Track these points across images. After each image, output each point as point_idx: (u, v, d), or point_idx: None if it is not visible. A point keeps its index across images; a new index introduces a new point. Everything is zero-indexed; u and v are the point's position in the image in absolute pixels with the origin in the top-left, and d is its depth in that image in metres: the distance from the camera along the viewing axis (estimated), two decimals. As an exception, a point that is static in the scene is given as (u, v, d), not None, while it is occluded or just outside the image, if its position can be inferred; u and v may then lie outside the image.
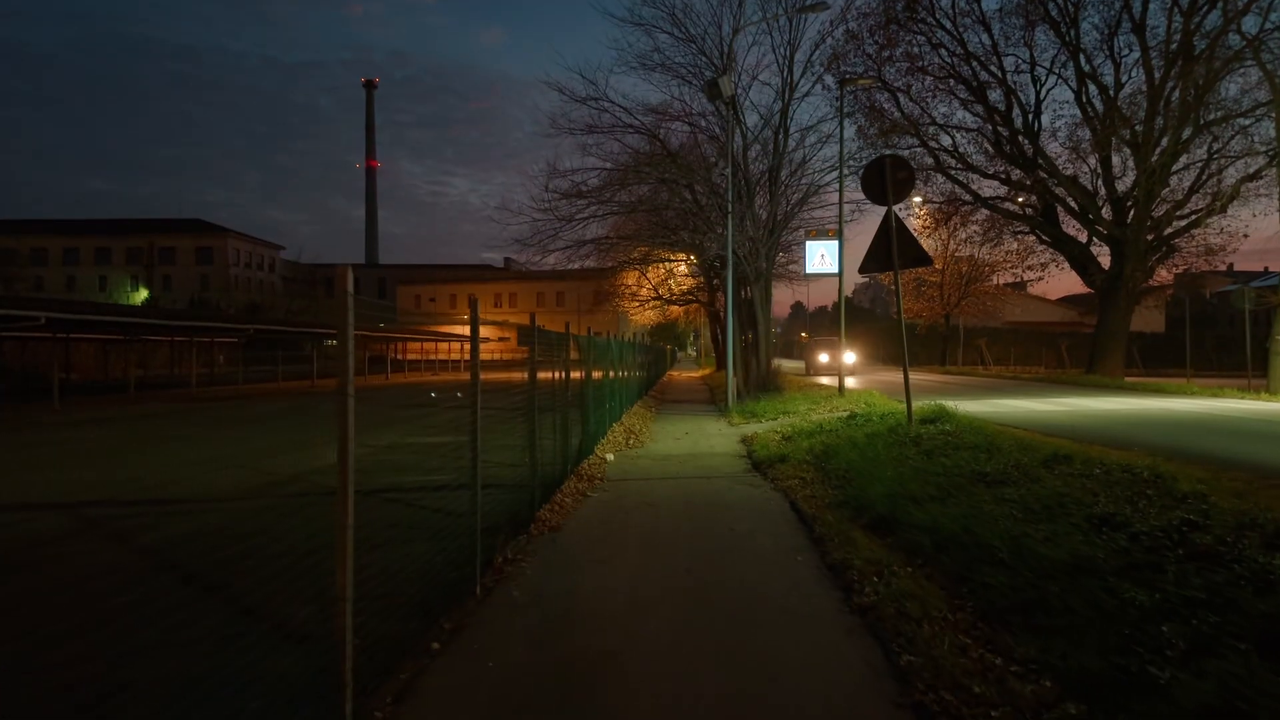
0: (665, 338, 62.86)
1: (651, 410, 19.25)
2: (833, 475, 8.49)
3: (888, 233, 10.04)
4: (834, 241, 18.17)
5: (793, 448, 10.48)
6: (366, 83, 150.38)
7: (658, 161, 20.15)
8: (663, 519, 7.12)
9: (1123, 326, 25.43)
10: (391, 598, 4.74)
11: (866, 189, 10.27)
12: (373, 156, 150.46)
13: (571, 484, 8.60)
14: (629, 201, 21.17)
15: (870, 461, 8.31)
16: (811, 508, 7.28)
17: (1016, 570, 4.58)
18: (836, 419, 12.84)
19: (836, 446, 9.64)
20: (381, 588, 4.89)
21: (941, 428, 9.70)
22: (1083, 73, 24.04)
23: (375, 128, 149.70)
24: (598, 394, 12.28)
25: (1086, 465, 6.81)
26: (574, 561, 5.77)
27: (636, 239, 22.25)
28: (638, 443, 12.78)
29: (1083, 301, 63.05)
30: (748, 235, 21.11)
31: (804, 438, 11.40)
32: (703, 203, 21.47)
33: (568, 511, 7.43)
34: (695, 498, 8.11)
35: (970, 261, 42.68)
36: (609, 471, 9.82)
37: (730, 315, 19.49)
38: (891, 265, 10.05)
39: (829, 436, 10.85)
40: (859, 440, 9.71)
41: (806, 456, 9.85)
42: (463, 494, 8.43)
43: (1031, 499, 5.87)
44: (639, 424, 15.47)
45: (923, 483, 6.94)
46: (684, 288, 43.22)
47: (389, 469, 10.71)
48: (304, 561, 5.47)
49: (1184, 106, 22.20)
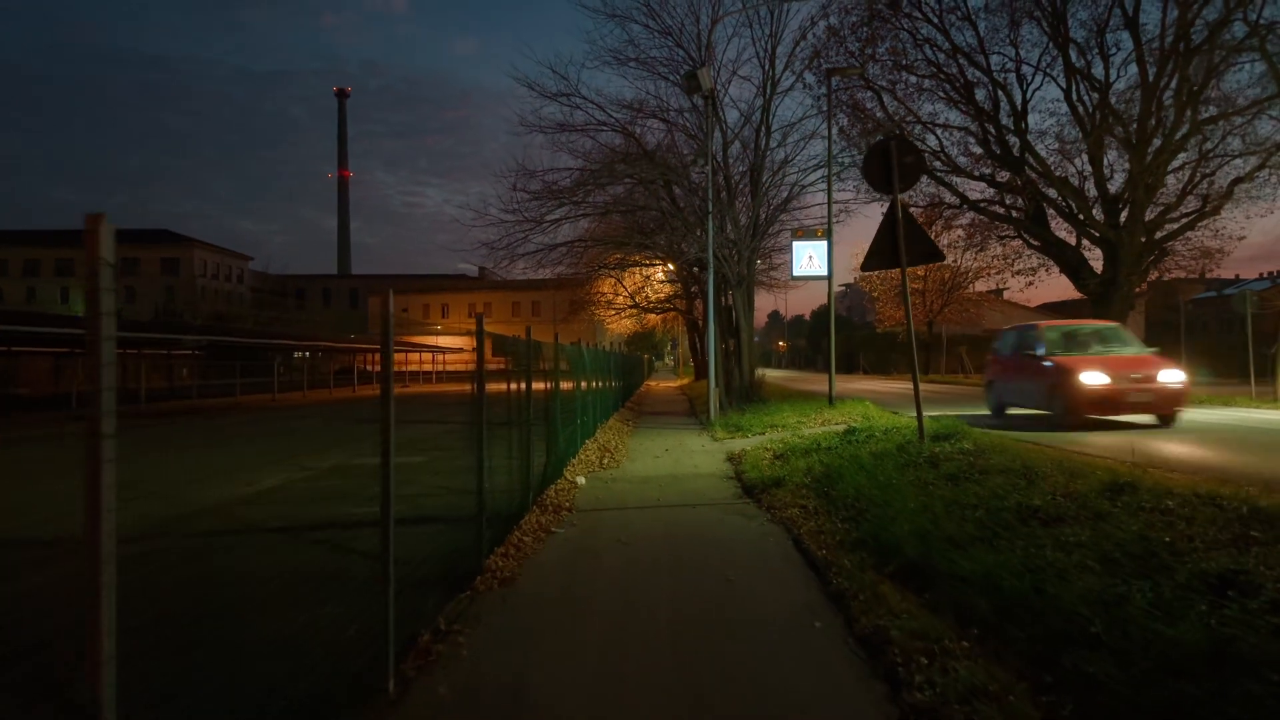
0: (642, 347, 61.62)
1: (629, 424, 17.96)
2: (840, 504, 7.24)
3: (894, 225, 8.85)
4: (822, 242, 16.98)
5: (788, 469, 9.22)
6: (339, 92, 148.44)
7: (633, 160, 18.93)
8: (641, 564, 5.82)
9: (1117, 332, 24.49)
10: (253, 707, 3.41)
11: (869, 175, 9.08)
12: (345, 166, 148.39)
13: (534, 517, 7.27)
14: (603, 202, 19.92)
15: (885, 488, 7.07)
16: (821, 547, 6.02)
17: (1127, 656, 3.34)
18: (832, 434, 11.62)
19: (840, 468, 8.39)
20: (245, 686, 3.56)
21: (959, 445, 8.48)
22: (1073, 68, 23.12)
23: (347, 137, 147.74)
24: (568, 408, 10.97)
25: (1155, 496, 5.60)
26: (526, 633, 4.45)
27: (611, 242, 20.97)
28: (613, 462, 11.47)
29: (1063, 308, 62.67)
30: (728, 238, 19.94)
31: (799, 456, 10.15)
32: (681, 204, 20.28)
33: (526, 555, 6.10)
34: (680, 533, 6.81)
35: (953, 268, 41.89)
36: (579, 499, 8.50)
37: (711, 322, 18.28)
38: (898, 261, 8.85)
39: (828, 455, 9.61)
40: (865, 460, 8.47)
41: (805, 479, 8.60)
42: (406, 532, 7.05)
43: (1107, 544, 4.64)
44: (615, 440, 14.17)
45: (958, 519, 5.70)
46: (661, 295, 42.06)
47: (327, 497, 9.33)
48: (143, 640, 4.12)
49: (1180, 102, 21.34)
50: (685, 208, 20.01)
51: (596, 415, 15.15)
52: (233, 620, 4.83)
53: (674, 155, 20.06)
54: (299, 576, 5.73)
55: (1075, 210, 24.65)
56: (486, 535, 5.79)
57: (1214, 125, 22.30)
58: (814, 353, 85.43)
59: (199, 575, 5.90)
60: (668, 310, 43.77)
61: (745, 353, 20.32)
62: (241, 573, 5.95)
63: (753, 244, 19.51)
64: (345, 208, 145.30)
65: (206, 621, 4.83)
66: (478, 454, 5.63)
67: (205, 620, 4.86)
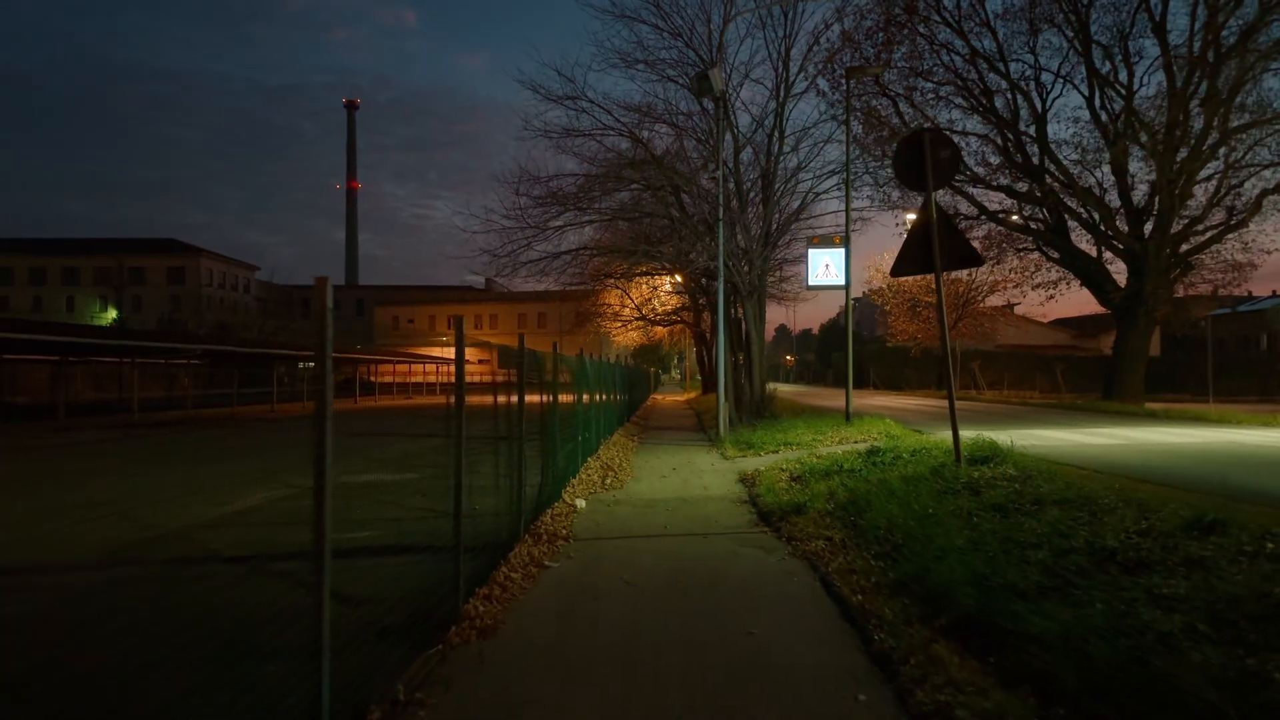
0: (649, 360, 60.82)
1: (634, 440, 17.13)
2: (871, 536, 6.41)
3: (928, 226, 8.04)
4: (839, 250, 16.14)
5: (808, 493, 8.39)
6: (348, 103, 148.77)
7: (640, 165, 18.20)
8: (646, 610, 5.00)
9: (1142, 348, 23.58)
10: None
11: (899, 171, 8.28)
12: (354, 177, 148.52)
13: (525, 548, 6.44)
14: (609, 209, 19.17)
15: (923, 519, 6.24)
16: (855, 590, 5.20)
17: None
18: (854, 454, 10.78)
19: (867, 494, 7.55)
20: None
21: (1001, 470, 7.64)
22: (1097, 74, 22.36)
23: (356, 148, 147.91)
24: (568, 424, 10.18)
25: (1254, 538, 4.75)
26: (505, 708, 3.63)
27: (617, 251, 20.21)
28: (616, 482, 10.65)
29: (1077, 324, 61.72)
30: (739, 246, 19.16)
31: (818, 478, 9.32)
32: (690, 211, 19.52)
33: (513, 596, 5.29)
34: (690, 570, 5.99)
35: (968, 282, 40.96)
36: (578, 526, 7.69)
37: (721, 333, 17.47)
38: (932, 265, 8.03)
39: (852, 479, 8.77)
40: (896, 486, 7.63)
41: (828, 506, 7.77)
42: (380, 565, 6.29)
43: (1215, 601, 3.81)
44: (619, 457, 13.36)
45: (1018, 561, 4.87)
46: (668, 307, 41.29)
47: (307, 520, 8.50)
48: None
49: (1210, 109, 20.54)
50: (694, 215, 19.25)
51: (600, 431, 14.35)
52: (144, 685, 4.02)
53: (683, 161, 19.31)
54: (247, 621, 4.93)
55: (1098, 221, 23.82)
56: (465, 571, 4.98)
57: (1244, 134, 21.47)
58: (823, 367, 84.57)
59: (130, 621, 5.10)
60: (675, 323, 42.97)
61: (756, 366, 19.50)
62: (181, 617, 5.15)
63: (765, 253, 18.71)
64: (353, 218, 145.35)
65: (110, 689, 4.02)
66: (455, 476, 4.83)
67: (110, 686, 4.05)
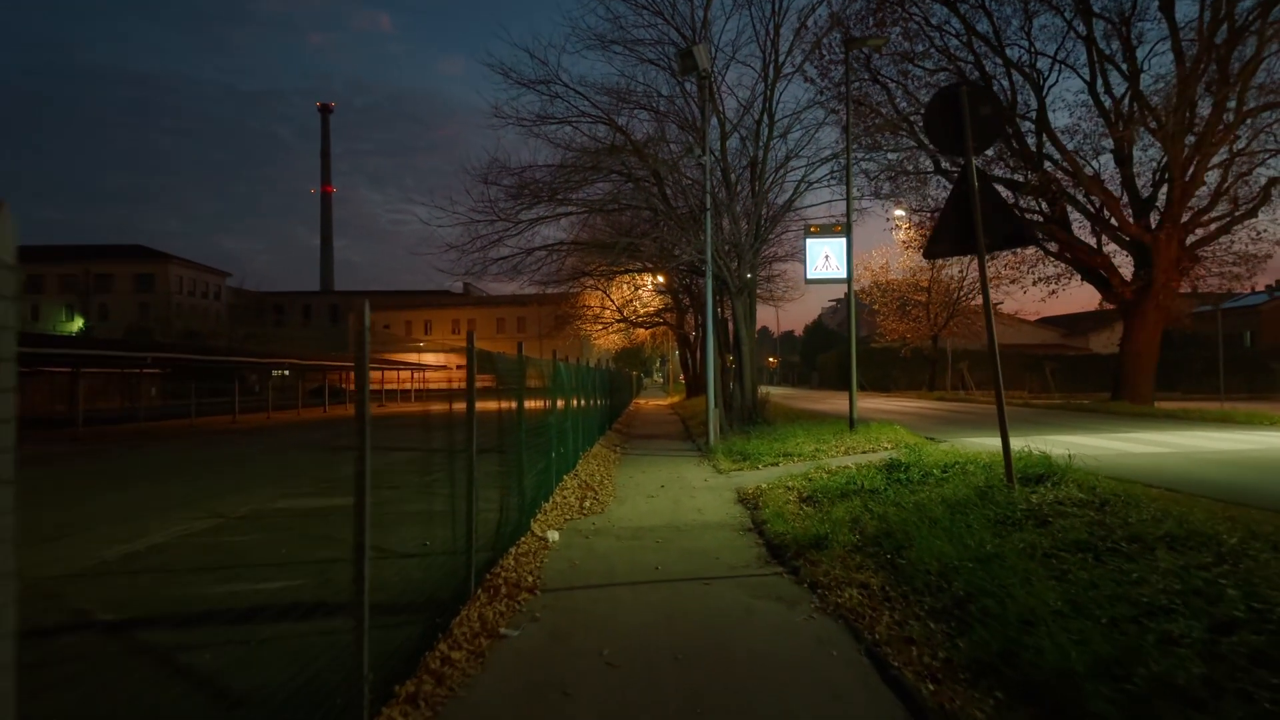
0: (631, 363, 59.36)
1: (616, 450, 15.67)
2: (920, 583, 5.01)
3: (965, 198, 6.66)
4: (840, 239, 14.70)
5: (827, 521, 6.95)
6: (322, 106, 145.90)
7: (619, 150, 16.77)
8: (635, 714, 3.54)
9: (1153, 345, 22.33)
10: None
11: (933, 131, 6.89)
12: (328, 182, 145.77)
13: (475, 609, 4.95)
14: (587, 199, 17.70)
15: (987, 562, 4.84)
16: (921, 675, 3.78)
17: None
18: (869, 468, 9.38)
19: (903, 523, 6.14)
20: None
21: (1064, 492, 6.25)
22: (1102, 55, 21.16)
23: (331, 153, 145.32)
24: (540, 438, 8.71)
25: None
26: None
27: (594, 245, 18.73)
28: (597, 505, 9.19)
29: (1066, 323, 60.92)
30: (727, 239, 17.77)
31: (835, 500, 7.90)
32: (674, 202, 18.11)
33: (451, 692, 3.81)
34: (692, 640, 4.52)
35: (960, 279, 39.88)
36: (549, 568, 6.22)
37: (710, 332, 16.04)
38: (973, 245, 6.64)
39: (878, 502, 7.36)
40: (938, 513, 6.22)
41: (854, 537, 6.35)
42: (286, 632, 4.82)
43: None
44: (600, 472, 11.90)
45: (1156, 639, 3.46)
46: (650, 309, 39.88)
47: (219, 564, 6.99)
48: None
49: (1220, 92, 19.39)
50: (679, 207, 17.84)
51: (579, 442, 12.87)
52: None
53: (664, 149, 17.90)
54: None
55: (1103, 211, 22.65)
56: (367, 660, 3.51)
57: (1254, 118, 20.34)
58: (808, 369, 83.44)
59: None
60: (657, 325, 41.58)
61: (747, 368, 18.09)
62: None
63: (755, 246, 17.32)
64: (328, 223, 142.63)
65: None
66: (357, 520, 3.29)
67: None
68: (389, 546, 7.12)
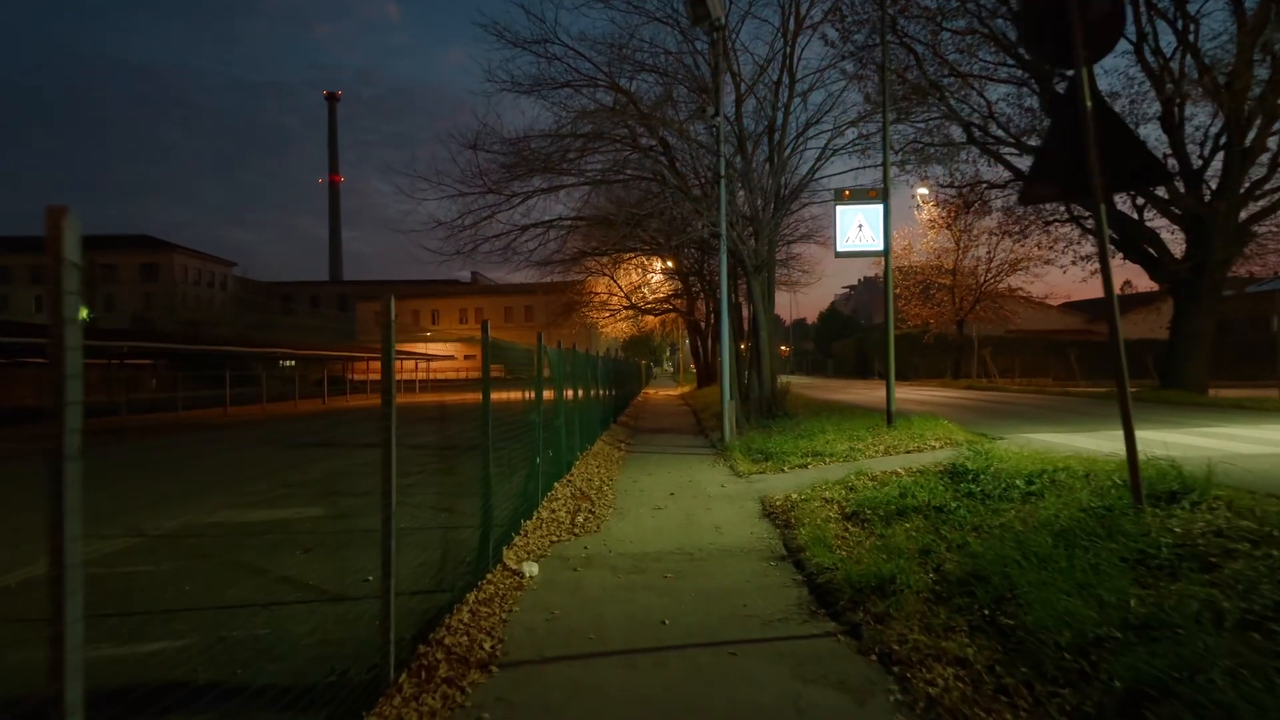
0: (640, 352, 57.65)
1: (620, 447, 14.04)
2: (1047, 663, 3.37)
3: (1075, 125, 4.96)
4: (876, 205, 12.88)
5: (885, 552, 5.28)
6: (328, 95, 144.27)
7: (623, 111, 15.10)
8: None
9: (1207, 328, 20.43)
10: None
11: (1029, 33, 5.18)
12: (336, 171, 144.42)
13: (392, 711, 3.33)
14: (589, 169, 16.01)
15: (1149, 634, 3.20)
16: None
17: None
18: (924, 473, 7.71)
19: (999, 559, 4.47)
20: None
21: (1217, 518, 4.58)
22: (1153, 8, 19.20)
23: (338, 142, 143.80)
24: (522, 441, 7.10)
25: None
26: None
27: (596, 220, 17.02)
28: (592, 519, 7.56)
29: (1090, 308, 58.67)
30: (743, 213, 16.07)
31: (888, 519, 6.23)
32: (683, 171, 16.41)
33: None
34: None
35: (988, 260, 37.93)
36: (516, 622, 4.59)
37: (724, 315, 14.35)
38: (1083, 185, 4.95)
39: (947, 522, 5.70)
40: (1039, 543, 4.54)
41: (927, 577, 4.70)
42: None
43: None
44: (599, 475, 10.28)
45: None
46: (659, 294, 38.20)
47: (103, 600, 5.40)
48: None
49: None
50: (687, 175, 16.15)
51: (576, 441, 11.24)
52: None
53: (673, 112, 16.18)
54: None
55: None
56: None
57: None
58: (822, 357, 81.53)
59: None
60: (666, 312, 39.84)
61: (765, 356, 16.39)
62: None
63: (775, 219, 15.61)
64: (336, 213, 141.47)
65: None
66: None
67: None
68: (251, 594, 5.52)
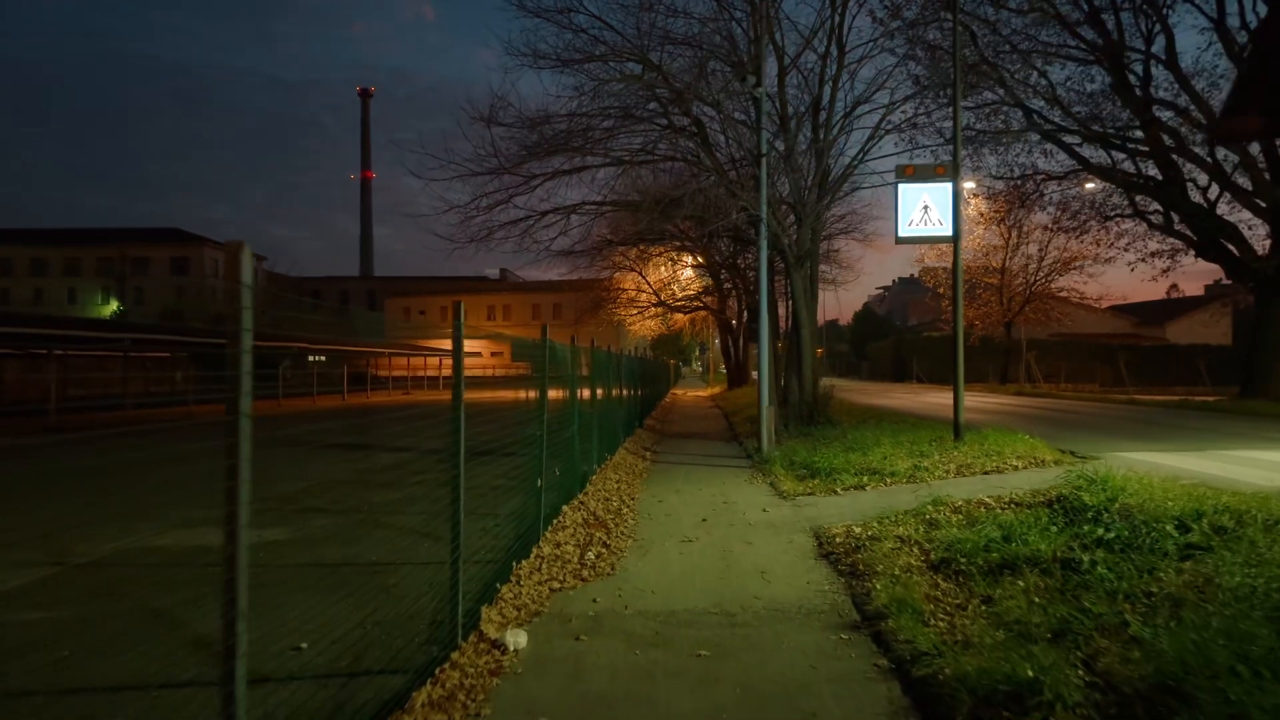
0: (668, 351, 56.15)
1: (645, 457, 12.57)
2: None
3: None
4: (945, 184, 11.19)
5: (1018, 641, 3.77)
6: (362, 91, 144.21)
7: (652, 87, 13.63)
8: None
9: (1297, 331, 18.60)
10: None
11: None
12: (368, 168, 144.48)
13: None
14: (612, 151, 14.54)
15: None
16: None
17: None
18: (1036, 511, 6.14)
19: (1207, 664, 2.95)
20: None
21: None
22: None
23: (370, 138, 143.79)
24: (520, 462, 5.67)
25: None
26: None
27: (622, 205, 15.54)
28: (606, 555, 6.11)
29: (1139, 311, 56.10)
30: (783, 198, 14.54)
31: (991, 572, 4.70)
32: (718, 153, 14.89)
33: None
34: None
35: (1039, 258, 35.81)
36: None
37: (762, 310, 12.84)
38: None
39: (1080, 586, 4.16)
40: (1254, 636, 3.01)
41: (1077, 678, 3.18)
42: None
43: None
44: (619, 494, 8.83)
45: None
46: (689, 291, 36.65)
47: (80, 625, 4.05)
48: None
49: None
50: (722, 158, 14.64)
51: (594, 452, 9.77)
52: None
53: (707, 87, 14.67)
54: None
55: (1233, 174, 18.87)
56: None
57: None
58: (857, 358, 79.38)
59: None
60: (697, 309, 38.24)
61: (807, 356, 14.82)
62: None
63: (820, 205, 14.06)
64: (368, 209, 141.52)
65: None
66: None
67: None
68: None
